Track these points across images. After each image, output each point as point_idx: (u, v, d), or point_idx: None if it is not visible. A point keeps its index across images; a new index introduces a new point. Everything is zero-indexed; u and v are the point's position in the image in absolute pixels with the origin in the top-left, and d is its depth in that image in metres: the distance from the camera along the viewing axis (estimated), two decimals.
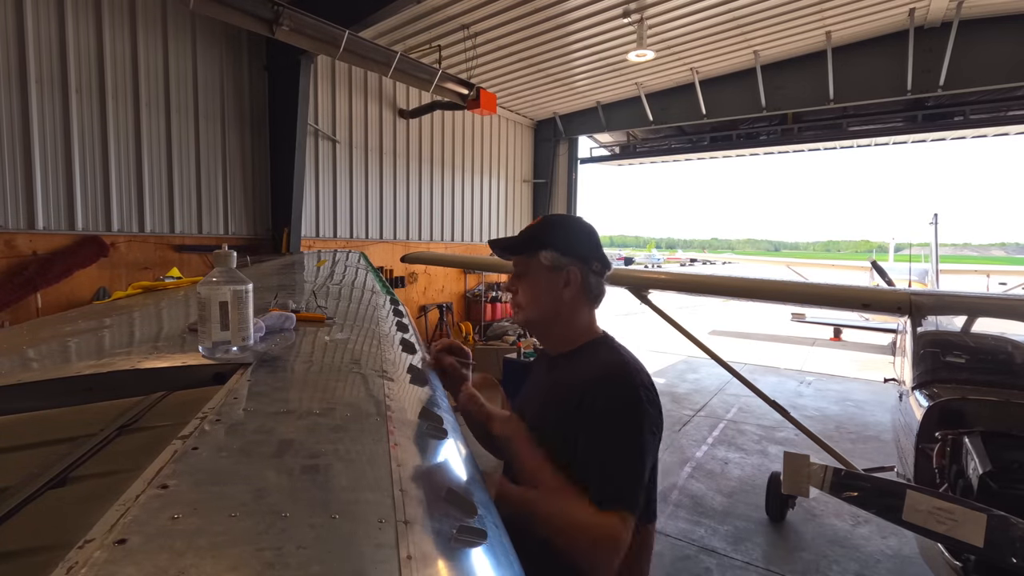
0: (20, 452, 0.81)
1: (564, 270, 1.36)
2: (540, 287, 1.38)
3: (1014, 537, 1.79)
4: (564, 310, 1.39)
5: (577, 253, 1.38)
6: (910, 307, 3.11)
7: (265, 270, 3.14)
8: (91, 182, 5.22)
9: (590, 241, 1.41)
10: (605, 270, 1.41)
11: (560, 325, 1.41)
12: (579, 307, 1.40)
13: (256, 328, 1.12)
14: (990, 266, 18.61)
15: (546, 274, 1.37)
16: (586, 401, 1.24)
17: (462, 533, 0.54)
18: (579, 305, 1.39)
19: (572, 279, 1.36)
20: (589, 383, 1.27)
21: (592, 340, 1.41)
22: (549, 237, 1.38)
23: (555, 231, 1.40)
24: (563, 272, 1.36)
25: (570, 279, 1.36)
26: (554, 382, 1.39)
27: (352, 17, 5.77)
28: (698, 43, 8.21)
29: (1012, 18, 7.48)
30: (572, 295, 1.37)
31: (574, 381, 1.30)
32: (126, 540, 0.45)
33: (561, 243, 1.37)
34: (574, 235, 1.40)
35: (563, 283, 1.36)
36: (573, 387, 1.29)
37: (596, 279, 1.40)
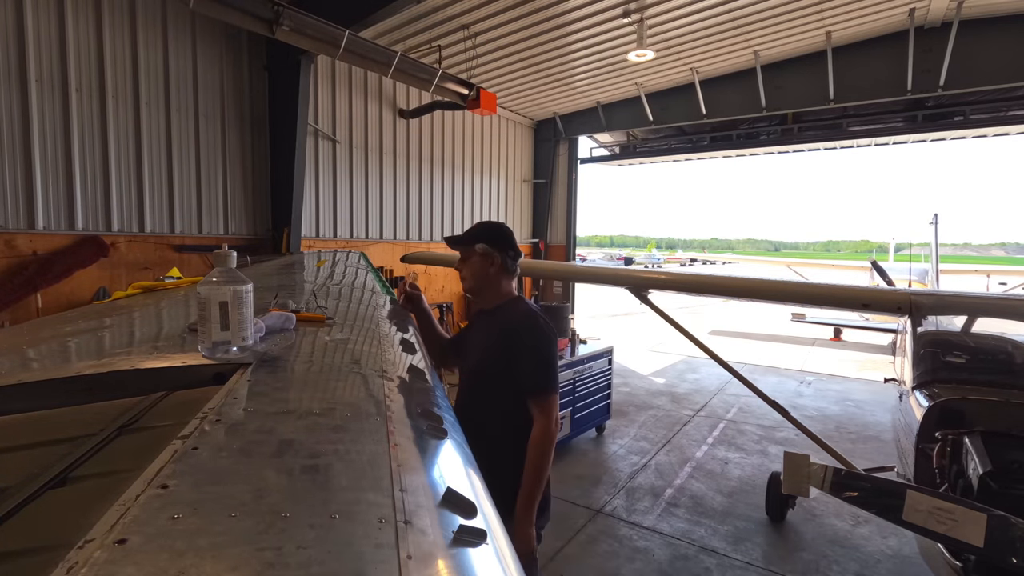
0: (20, 452, 0.81)
1: (491, 256, 2.20)
2: (477, 267, 2.22)
3: (1014, 537, 1.79)
4: (492, 281, 2.23)
5: (499, 246, 2.21)
6: (910, 307, 3.11)
7: (265, 270, 3.14)
8: (91, 182, 5.22)
9: (508, 238, 2.25)
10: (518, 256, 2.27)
11: (489, 290, 2.26)
12: (500, 279, 2.24)
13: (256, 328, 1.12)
14: (990, 266, 18.61)
15: (479, 259, 2.21)
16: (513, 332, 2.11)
17: (462, 533, 0.54)
18: (500, 278, 2.23)
19: (495, 261, 2.20)
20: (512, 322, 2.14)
21: (510, 299, 2.26)
22: (482, 235, 2.22)
23: (486, 231, 2.24)
24: (489, 257, 2.20)
25: (494, 261, 2.20)
26: (489, 325, 2.23)
27: (352, 17, 5.77)
28: (698, 43, 8.20)
29: (1012, 18, 7.48)
30: (495, 271, 2.21)
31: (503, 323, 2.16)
32: (126, 540, 0.45)
33: (489, 239, 2.21)
34: (498, 234, 2.24)
35: (489, 264, 2.20)
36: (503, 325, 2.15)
37: (511, 262, 2.24)
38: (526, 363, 2.04)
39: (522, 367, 2.03)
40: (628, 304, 4.31)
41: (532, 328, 2.10)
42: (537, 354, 2.05)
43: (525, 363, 2.03)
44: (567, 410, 5.81)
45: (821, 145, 10.85)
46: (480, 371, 2.19)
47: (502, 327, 2.13)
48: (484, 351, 2.18)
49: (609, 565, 3.89)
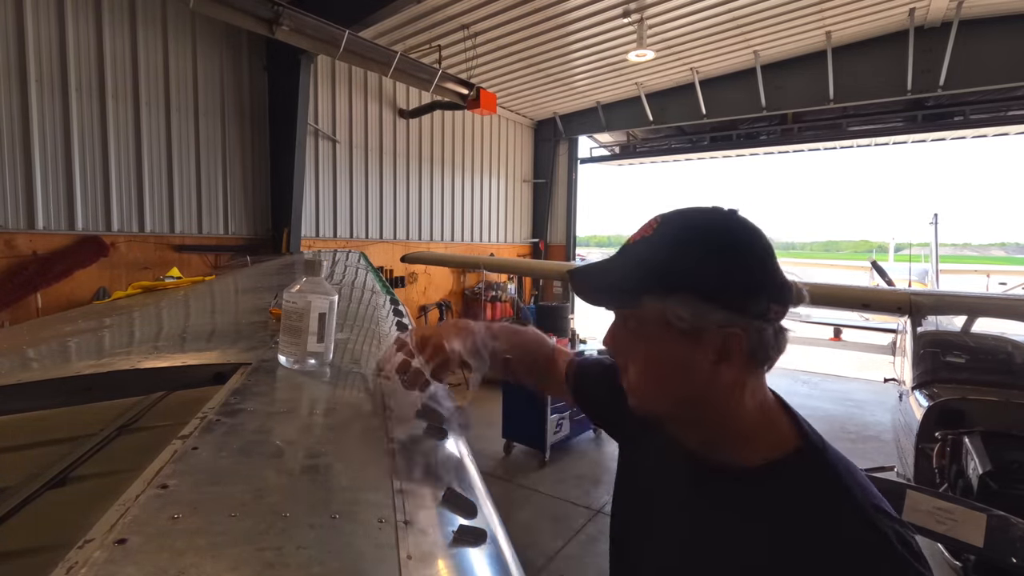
0: (20, 452, 0.81)
1: (715, 331, 0.71)
2: (670, 360, 0.74)
3: (1014, 537, 1.79)
4: (718, 397, 0.74)
5: (739, 296, 0.70)
6: (910, 307, 3.11)
7: (265, 270, 3.14)
8: (91, 182, 5.21)
9: (765, 263, 0.72)
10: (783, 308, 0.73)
11: (713, 420, 0.76)
12: (744, 386, 0.74)
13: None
14: (990, 266, 18.61)
15: (677, 339, 0.72)
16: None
17: (462, 533, 0.54)
18: (744, 383, 0.74)
19: (733, 346, 0.71)
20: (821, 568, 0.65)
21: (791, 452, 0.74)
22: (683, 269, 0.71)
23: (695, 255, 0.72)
24: (713, 335, 0.71)
25: (728, 347, 0.71)
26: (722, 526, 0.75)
27: (352, 17, 5.77)
28: (698, 43, 8.20)
29: (1012, 18, 7.48)
30: (733, 373, 0.73)
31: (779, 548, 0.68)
32: (126, 540, 0.45)
33: (709, 280, 0.70)
34: (732, 260, 0.71)
35: (713, 354, 0.72)
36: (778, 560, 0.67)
37: (775, 331, 0.73)
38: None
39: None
40: None
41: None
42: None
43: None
44: (567, 412, 5.80)
45: (821, 145, 10.85)
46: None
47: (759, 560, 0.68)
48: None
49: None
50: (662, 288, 0.71)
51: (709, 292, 0.70)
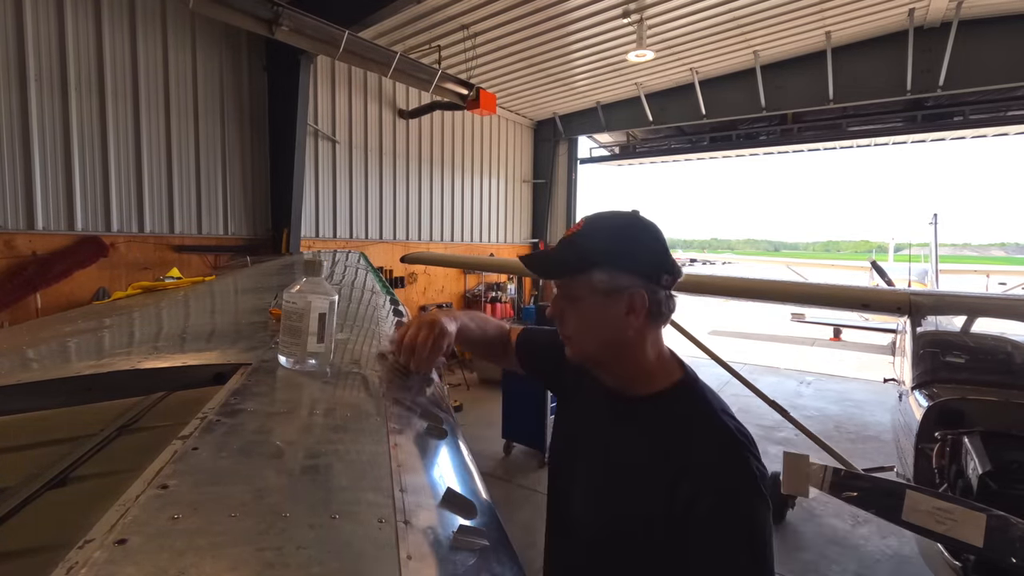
0: (20, 452, 0.81)
1: (625, 292, 1.01)
2: (594, 315, 1.04)
3: (1014, 537, 1.79)
4: (629, 343, 1.05)
5: (641, 267, 1.03)
6: (910, 307, 3.11)
7: (265, 270, 3.14)
8: (91, 182, 5.22)
9: (657, 245, 1.05)
10: (676, 280, 1.05)
11: (626, 362, 1.07)
12: (644, 335, 1.05)
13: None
14: (990, 266, 18.61)
15: (600, 299, 1.03)
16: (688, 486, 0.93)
17: (462, 533, 0.54)
18: (645, 333, 1.05)
19: (637, 303, 1.01)
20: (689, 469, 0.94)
21: (675, 385, 1.07)
22: (602, 249, 1.03)
23: (608, 240, 1.05)
24: (623, 295, 1.01)
25: (634, 304, 1.01)
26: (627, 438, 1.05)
27: (352, 17, 5.77)
28: (698, 43, 8.21)
29: (1012, 18, 7.48)
30: (635, 323, 1.02)
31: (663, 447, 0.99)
32: (126, 540, 0.45)
33: (618, 256, 1.03)
34: (635, 242, 1.05)
35: (625, 309, 1.02)
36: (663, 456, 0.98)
37: (666, 295, 1.04)
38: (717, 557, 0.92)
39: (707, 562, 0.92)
40: None
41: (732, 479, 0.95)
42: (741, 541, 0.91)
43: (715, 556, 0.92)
44: None
45: (821, 145, 10.85)
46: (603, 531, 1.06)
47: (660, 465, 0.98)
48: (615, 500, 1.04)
49: None
50: (588, 264, 1.03)
51: (620, 265, 1.02)
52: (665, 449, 0.99)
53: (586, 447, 1.14)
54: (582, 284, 1.04)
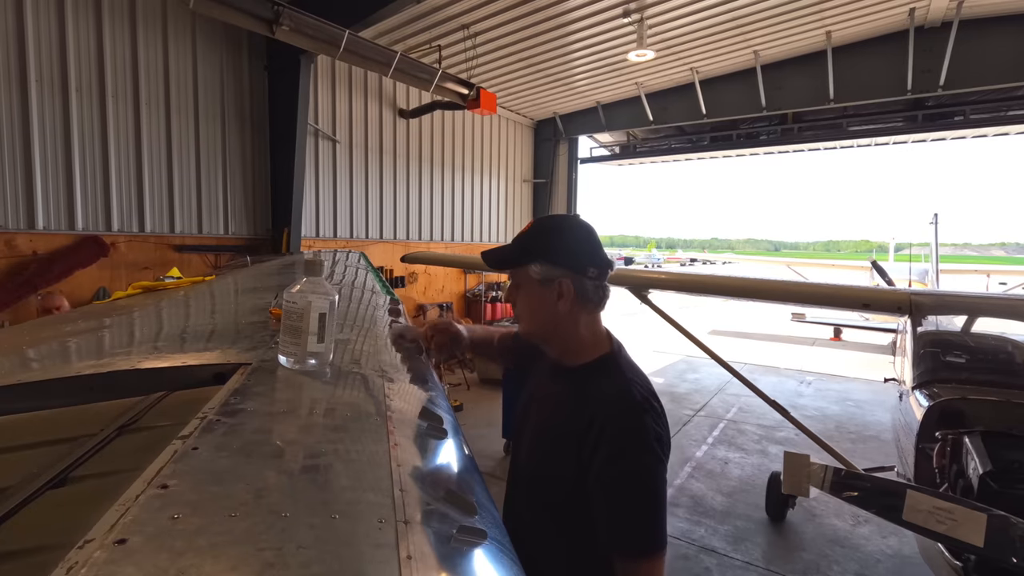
0: (20, 452, 0.81)
1: (555, 282, 1.26)
2: (534, 301, 1.30)
3: (1014, 537, 1.79)
4: (561, 323, 1.29)
5: (569, 261, 1.26)
6: (910, 307, 3.11)
7: (265, 270, 3.14)
8: (91, 182, 5.22)
9: (586, 244, 1.29)
10: (604, 273, 1.29)
11: (561, 338, 1.32)
12: (577, 318, 1.29)
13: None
14: (990, 266, 18.61)
15: (537, 287, 1.28)
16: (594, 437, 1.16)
17: (462, 533, 0.54)
18: (577, 316, 1.29)
19: (565, 291, 1.25)
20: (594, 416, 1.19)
21: (600, 356, 1.31)
22: (538, 246, 1.28)
23: (544, 238, 1.30)
24: (554, 284, 1.26)
25: (563, 291, 1.25)
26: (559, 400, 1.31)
27: (352, 17, 5.77)
28: (698, 43, 8.21)
29: (1012, 18, 7.48)
30: (567, 307, 1.27)
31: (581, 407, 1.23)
32: (126, 540, 0.45)
33: (551, 252, 1.27)
34: (565, 241, 1.29)
35: (556, 296, 1.26)
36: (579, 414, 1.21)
37: (594, 285, 1.28)
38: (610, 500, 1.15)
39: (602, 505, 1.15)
40: (628, 304, 4.32)
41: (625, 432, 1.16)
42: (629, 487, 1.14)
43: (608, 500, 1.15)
44: None
45: (821, 145, 10.85)
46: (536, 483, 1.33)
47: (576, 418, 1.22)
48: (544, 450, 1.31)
49: None
50: (529, 258, 1.28)
51: (551, 259, 1.26)
52: (582, 410, 1.22)
53: (534, 409, 1.42)
54: (523, 275, 1.31)
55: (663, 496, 1.17)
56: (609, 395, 1.22)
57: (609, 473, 1.14)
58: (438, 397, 1.05)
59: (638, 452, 1.15)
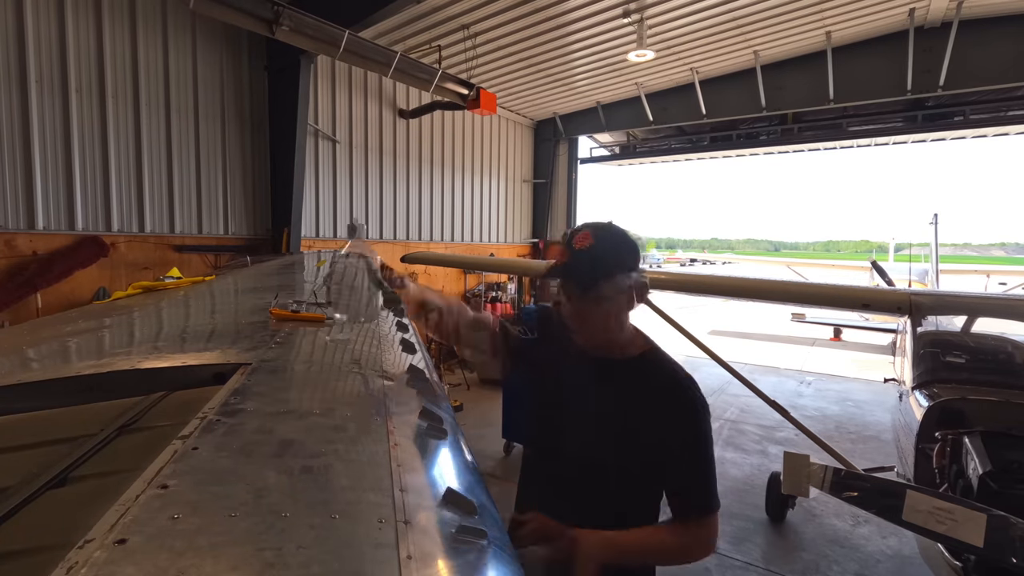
0: (20, 452, 0.81)
1: (627, 290, 1.38)
2: (614, 310, 1.40)
3: (1014, 537, 1.79)
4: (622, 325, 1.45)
5: (634, 265, 1.40)
6: (910, 307, 3.11)
7: (265, 270, 3.14)
8: (91, 182, 5.21)
9: (636, 246, 1.44)
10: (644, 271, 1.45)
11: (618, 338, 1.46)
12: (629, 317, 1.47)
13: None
14: (990, 266, 18.59)
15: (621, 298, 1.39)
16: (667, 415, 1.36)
17: (462, 533, 0.54)
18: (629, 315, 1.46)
19: (635, 296, 1.40)
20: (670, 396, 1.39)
21: (648, 349, 1.47)
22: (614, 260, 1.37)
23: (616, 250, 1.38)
24: (627, 292, 1.39)
25: (633, 297, 1.40)
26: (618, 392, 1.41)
27: (352, 17, 5.77)
28: (698, 43, 8.21)
29: (1012, 18, 7.48)
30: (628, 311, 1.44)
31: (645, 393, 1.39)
32: (126, 540, 0.45)
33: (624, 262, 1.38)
34: (626, 249, 1.40)
35: (627, 302, 1.40)
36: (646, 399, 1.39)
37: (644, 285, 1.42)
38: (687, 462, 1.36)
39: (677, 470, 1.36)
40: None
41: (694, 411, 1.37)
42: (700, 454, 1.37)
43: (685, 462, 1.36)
44: None
45: (821, 145, 10.85)
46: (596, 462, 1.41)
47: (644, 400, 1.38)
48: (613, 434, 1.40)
49: None
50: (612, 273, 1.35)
51: (626, 268, 1.37)
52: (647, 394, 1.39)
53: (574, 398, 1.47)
54: (607, 288, 1.35)
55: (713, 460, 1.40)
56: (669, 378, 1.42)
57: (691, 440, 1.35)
58: (438, 397, 1.05)
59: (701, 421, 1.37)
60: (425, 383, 1.09)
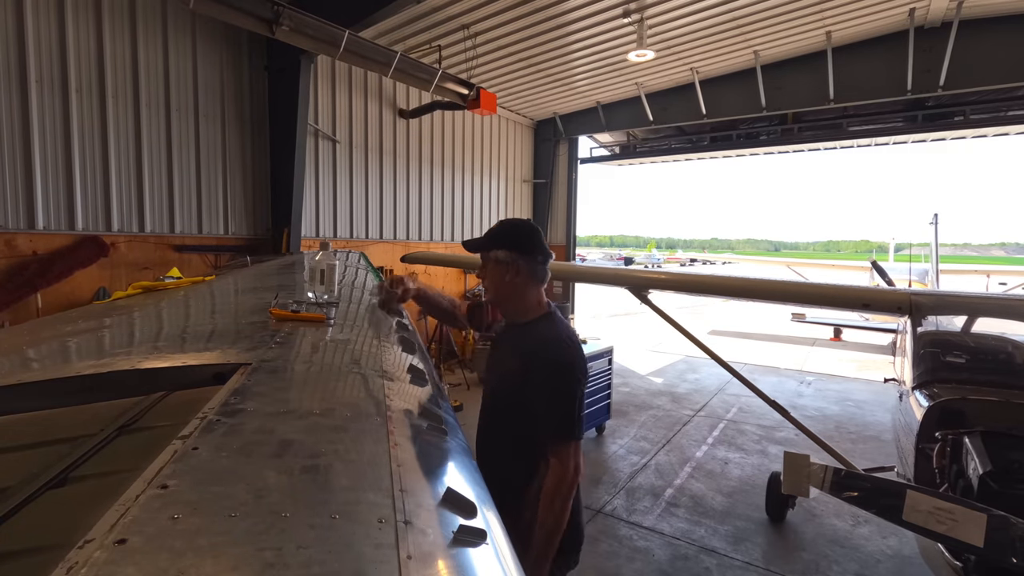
0: (20, 452, 0.81)
1: (512, 264, 1.87)
2: (496, 276, 1.91)
3: (1014, 537, 1.79)
4: (516, 292, 1.91)
5: (523, 249, 1.89)
6: (910, 307, 3.11)
7: (265, 270, 3.14)
8: (91, 182, 5.21)
9: (536, 238, 1.93)
10: (547, 260, 1.94)
11: (515, 303, 1.95)
12: (527, 289, 1.92)
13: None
14: (990, 266, 18.59)
15: (499, 267, 1.89)
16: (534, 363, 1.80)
17: (462, 533, 0.54)
18: (527, 288, 1.91)
19: (519, 270, 1.87)
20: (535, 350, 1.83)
21: (541, 315, 1.94)
22: (502, 238, 1.91)
23: (506, 233, 1.93)
24: (512, 265, 1.87)
25: (519, 269, 1.87)
26: (514, 345, 1.94)
27: (352, 17, 5.76)
28: (698, 43, 8.20)
29: (1012, 18, 7.47)
30: (522, 281, 1.89)
31: (526, 349, 1.86)
32: (126, 540, 0.45)
33: (511, 243, 1.89)
34: (521, 236, 1.92)
35: (514, 272, 1.87)
36: (526, 353, 1.85)
37: (541, 268, 1.92)
38: (544, 403, 1.76)
39: (540, 407, 1.77)
40: (628, 304, 4.32)
41: (556, 361, 1.79)
42: (557, 394, 1.76)
43: (544, 402, 1.76)
44: None
45: (821, 145, 10.84)
46: (497, 398, 1.97)
47: (524, 354, 1.84)
48: (503, 377, 1.95)
49: (609, 565, 3.89)
50: (497, 245, 1.90)
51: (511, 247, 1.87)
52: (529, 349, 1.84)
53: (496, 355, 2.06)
54: (492, 257, 1.91)
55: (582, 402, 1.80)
56: (547, 337, 1.86)
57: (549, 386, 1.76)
58: (438, 397, 1.05)
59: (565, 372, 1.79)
60: (425, 383, 1.09)
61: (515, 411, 1.85)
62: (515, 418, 1.85)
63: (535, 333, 1.88)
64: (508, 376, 1.90)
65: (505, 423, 1.90)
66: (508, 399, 1.90)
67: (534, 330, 1.89)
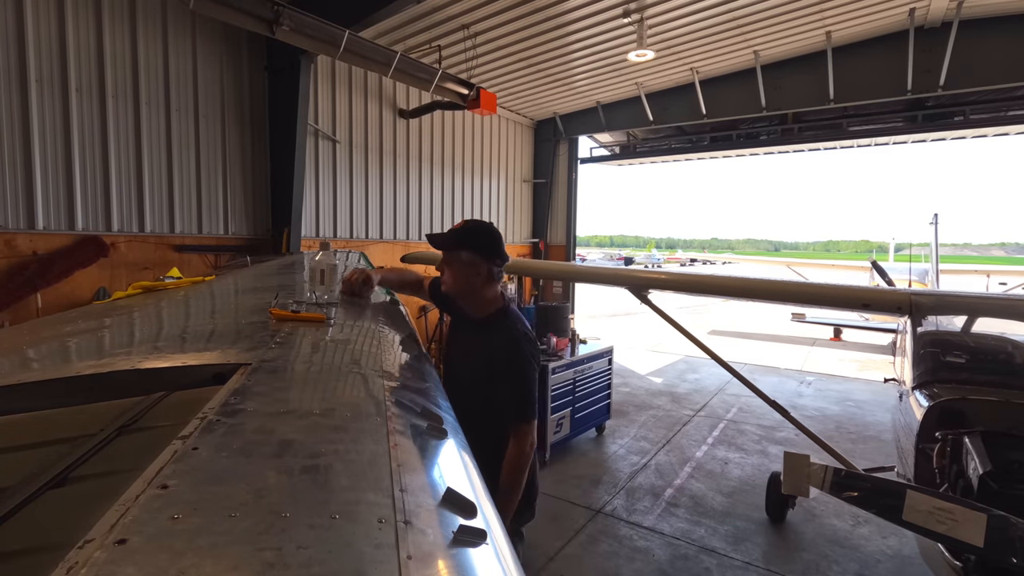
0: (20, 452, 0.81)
1: (477, 265, 2.05)
2: (460, 273, 2.08)
3: (1014, 537, 1.79)
4: (476, 290, 2.10)
5: (486, 253, 2.06)
6: (910, 307, 3.11)
7: (265, 270, 3.14)
8: (91, 182, 5.21)
9: (497, 243, 2.11)
10: (504, 262, 2.13)
11: (473, 298, 2.14)
12: (486, 287, 2.11)
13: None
14: (990, 266, 18.59)
15: (464, 267, 2.06)
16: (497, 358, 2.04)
17: (462, 533, 0.54)
18: (486, 286, 2.11)
19: (482, 271, 2.06)
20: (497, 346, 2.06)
21: (497, 309, 2.15)
22: (468, 239, 2.07)
23: (472, 236, 2.09)
24: (475, 266, 2.05)
25: (480, 271, 2.06)
26: (475, 338, 2.17)
27: (352, 17, 5.76)
28: (698, 43, 8.20)
29: (1012, 18, 7.47)
30: (481, 280, 2.08)
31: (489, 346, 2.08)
32: (126, 540, 0.45)
33: (474, 244, 2.06)
34: (486, 239, 2.09)
35: (475, 273, 2.06)
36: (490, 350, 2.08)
37: (498, 270, 2.12)
38: (506, 392, 2.02)
39: (502, 395, 2.02)
40: (628, 304, 4.32)
41: (515, 355, 2.05)
42: (517, 383, 2.02)
43: (505, 391, 2.02)
44: (567, 410, 5.80)
45: (821, 145, 10.84)
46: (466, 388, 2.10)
47: (489, 351, 2.07)
48: (471, 371, 2.14)
49: (609, 565, 3.89)
50: (461, 246, 2.06)
51: (476, 249, 2.06)
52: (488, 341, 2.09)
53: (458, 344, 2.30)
54: (456, 256, 2.06)
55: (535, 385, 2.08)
56: (503, 330, 2.09)
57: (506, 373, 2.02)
58: (438, 397, 1.05)
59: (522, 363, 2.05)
60: (425, 383, 1.09)
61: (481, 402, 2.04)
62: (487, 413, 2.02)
63: (496, 330, 2.10)
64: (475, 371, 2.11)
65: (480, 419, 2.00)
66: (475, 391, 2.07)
67: (494, 327, 2.11)
